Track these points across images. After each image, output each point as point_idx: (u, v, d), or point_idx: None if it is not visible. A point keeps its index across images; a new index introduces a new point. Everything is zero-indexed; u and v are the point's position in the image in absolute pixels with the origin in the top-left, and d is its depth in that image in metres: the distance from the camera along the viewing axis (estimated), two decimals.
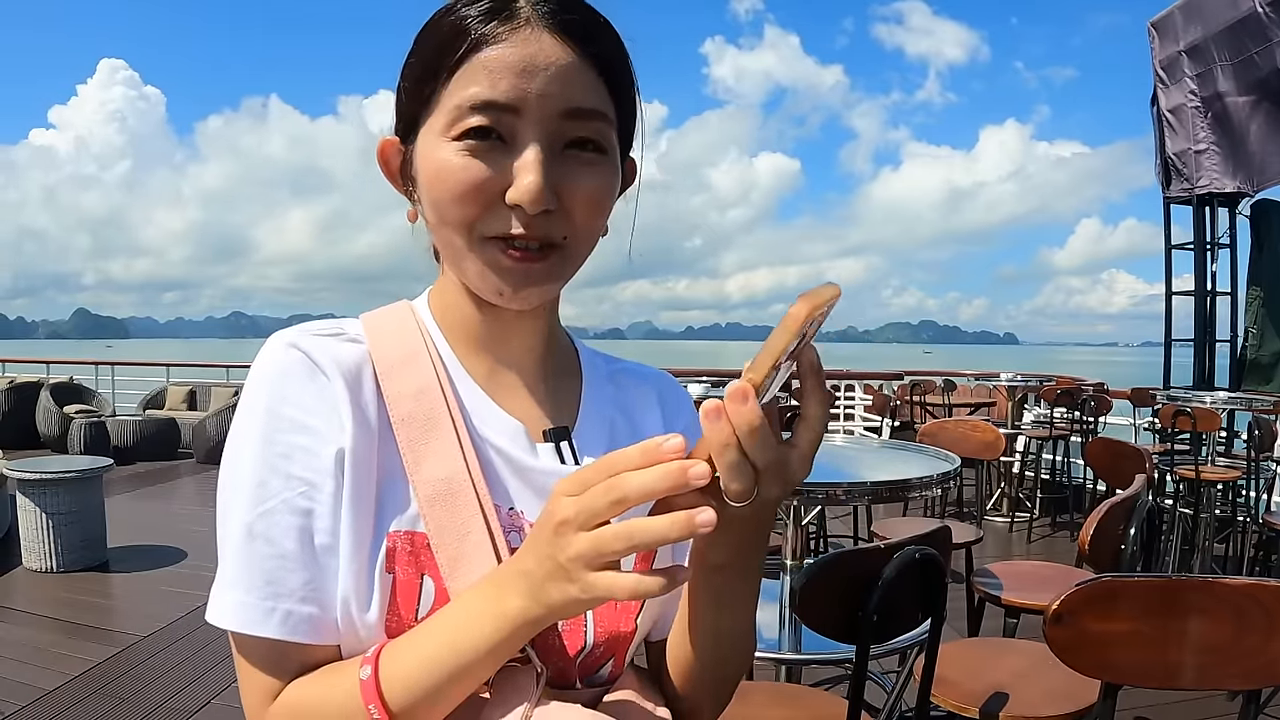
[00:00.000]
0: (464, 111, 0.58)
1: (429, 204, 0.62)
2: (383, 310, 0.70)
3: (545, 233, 0.60)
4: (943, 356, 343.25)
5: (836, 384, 8.76)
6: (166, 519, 5.58)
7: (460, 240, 0.61)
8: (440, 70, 0.60)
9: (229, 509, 0.59)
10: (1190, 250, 7.50)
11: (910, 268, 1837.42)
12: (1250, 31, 6.31)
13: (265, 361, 0.61)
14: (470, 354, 0.68)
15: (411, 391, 0.63)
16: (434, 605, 0.59)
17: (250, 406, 0.60)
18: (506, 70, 0.58)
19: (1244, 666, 1.07)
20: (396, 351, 0.65)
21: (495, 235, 0.60)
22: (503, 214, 0.59)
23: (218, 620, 0.57)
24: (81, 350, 37.32)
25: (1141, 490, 1.86)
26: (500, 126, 0.58)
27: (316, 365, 0.61)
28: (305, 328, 0.65)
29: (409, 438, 0.61)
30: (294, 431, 0.59)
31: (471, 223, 0.60)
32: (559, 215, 0.60)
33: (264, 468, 0.58)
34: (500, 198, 0.59)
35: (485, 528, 0.60)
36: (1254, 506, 4.48)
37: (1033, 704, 1.56)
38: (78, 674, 3.04)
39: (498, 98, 0.58)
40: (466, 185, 0.59)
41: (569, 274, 0.64)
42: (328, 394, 0.60)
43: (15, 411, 8.65)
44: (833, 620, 1.26)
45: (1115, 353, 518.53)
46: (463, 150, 0.59)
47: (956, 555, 2.27)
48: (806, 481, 1.87)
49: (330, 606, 0.58)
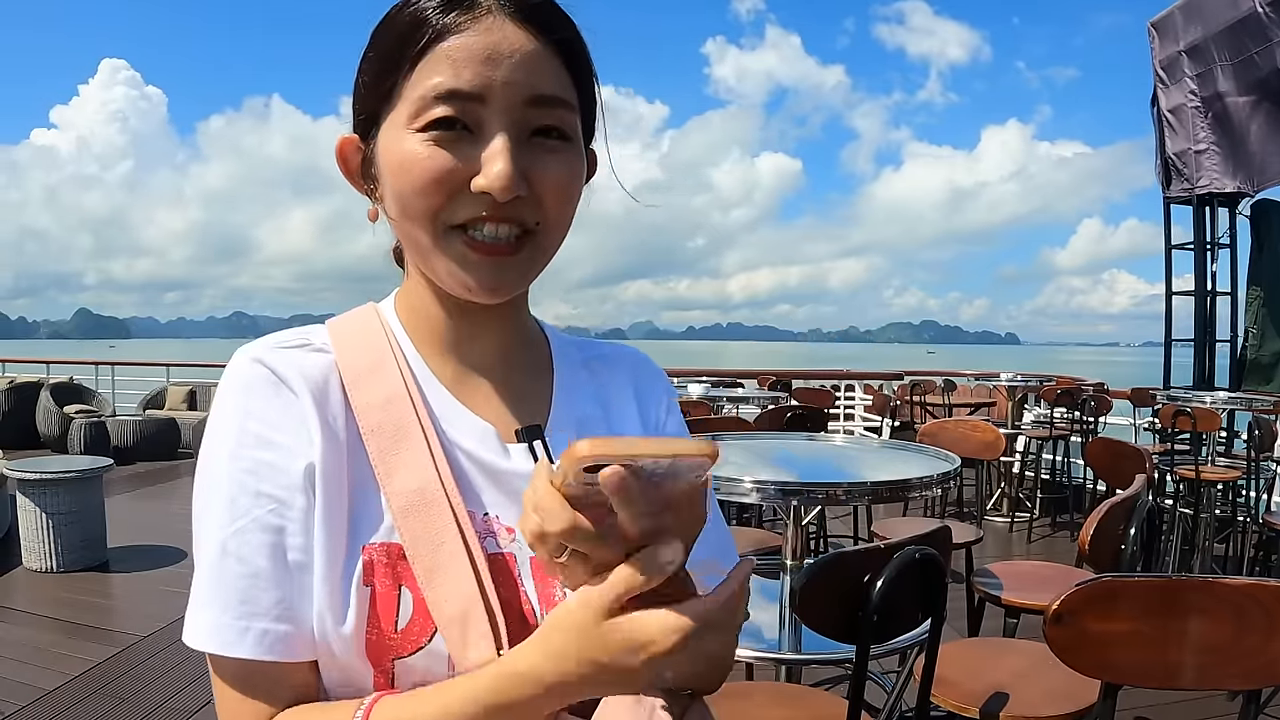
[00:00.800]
0: (428, 102, 0.58)
1: (393, 198, 0.61)
2: (348, 316, 0.69)
3: (518, 216, 0.60)
4: (946, 357, 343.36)
5: (837, 384, 8.77)
6: (166, 519, 5.58)
7: (425, 235, 0.60)
8: (401, 62, 0.59)
9: (201, 527, 0.59)
10: (1190, 250, 7.50)
11: (912, 268, 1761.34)
12: (1250, 31, 6.31)
13: (231, 378, 0.61)
14: (437, 356, 0.68)
15: (379, 401, 0.62)
16: (413, 616, 0.58)
17: (218, 424, 0.60)
18: (470, 59, 0.57)
19: (1244, 666, 1.07)
20: (363, 360, 0.64)
21: (461, 223, 0.59)
22: (469, 202, 0.59)
23: (193, 642, 0.56)
24: (84, 350, 37.21)
25: (1141, 490, 1.86)
26: (465, 116, 0.58)
27: (281, 380, 0.60)
28: (271, 340, 0.64)
29: (379, 448, 0.60)
30: (261, 448, 0.58)
31: (436, 213, 0.59)
32: (529, 202, 0.60)
33: (233, 485, 0.58)
34: (466, 187, 0.58)
35: (460, 537, 0.59)
36: (1254, 506, 4.48)
37: (1033, 704, 1.56)
38: (78, 674, 3.04)
39: (462, 86, 0.57)
40: (432, 175, 0.58)
41: (540, 266, 0.64)
42: (294, 409, 0.60)
43: (15, 411, 8.66)
44: (833, 620, 1.26)
45: (1117, 353, 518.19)
46: (428, 140, 0.58)
47: (956, 555, 2.27)
48: (807, 482, 1.87)
49: (304, 622, 0.57)
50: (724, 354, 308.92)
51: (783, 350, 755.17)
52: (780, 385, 7.19)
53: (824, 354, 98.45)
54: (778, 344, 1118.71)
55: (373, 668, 0.58)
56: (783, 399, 5.17)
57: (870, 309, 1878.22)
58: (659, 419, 0.77)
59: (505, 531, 0.63)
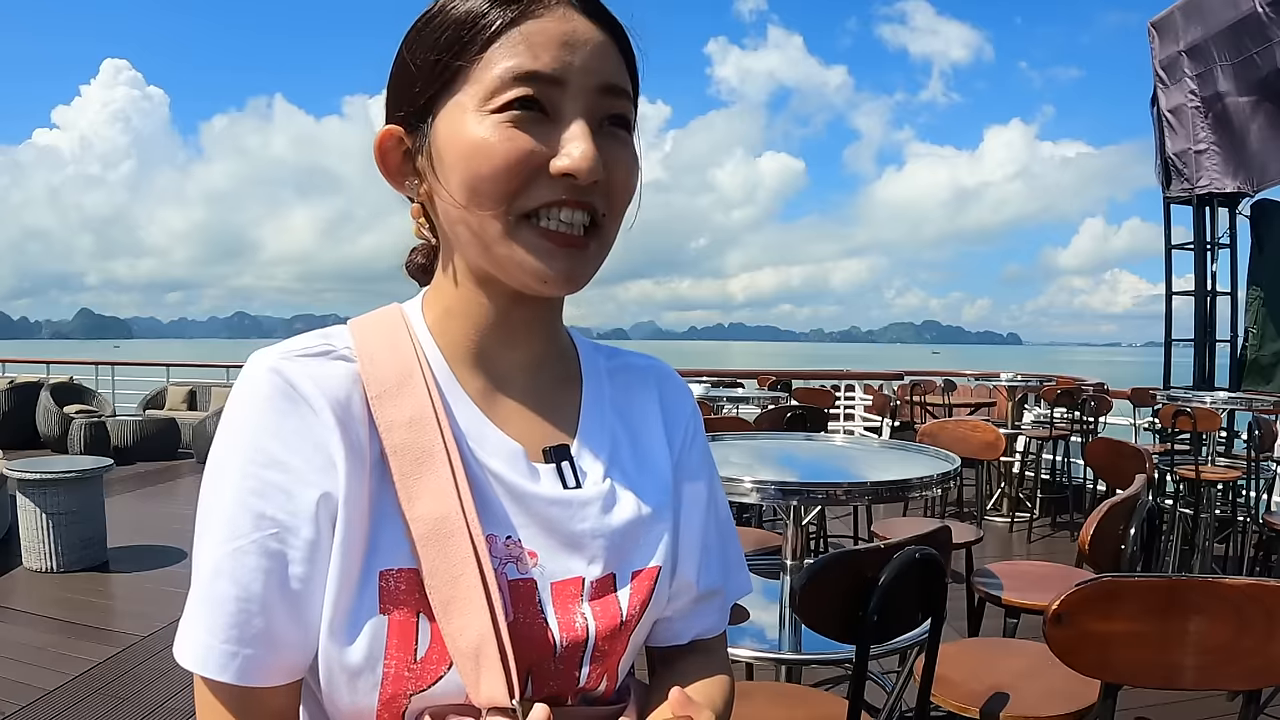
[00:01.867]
0: (506, 83, 0.57)
1: (460, 185, 0.58)
2: (373, 319, 0.66)
3: (591, 202, 0.59)
4: (950, 356, 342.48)
5: (837, 384, 8.77)
6: (166, 519, 5.58)
7: (497, 223, 0.58)
8: (471, 45, 0.58)
9: (201, 540, 0.57)
10: (1190, 250, 7.49)
11: (914, 268, 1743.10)
12: (1250, 31, 6.30)
13: (246, 387, 0.58)
14: (466, 366, 0.66)
15: (405, 420, 0.60)
16: (430, 645, 0.57)
17: (228, 437, 0.57)
18: (550, 42, 0.57)
19: (1244, 666, 1.07)
20: (389, 372, 0.61)
21: (534, 209, 0.58)
22: (545, 186, 0.58)
23: (183, 659, 0.56)
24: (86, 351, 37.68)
25: (1142, 490, 1.86)
26: (544, 97, 0.57)
27: (301, 395, 0.57)
28: (290, 346, 0.61)
29: (402, 470, 0.58)
30: (271, 468, 0.56)
31: (512, 198, 0.58)
32: (601, 189, 0.59)
33: (236, 504, 0.55)
34: (543, 171, 0.57)
35: (478, 569, 0.57)
36: (1254, 506, 4.48)
37: (1033, 704, 1.56)
38: (78, 674, 3.04)
39: (542, 69, 0.57)
40: (512, 155, 0.57)
41: (603, 257, 0.63)
42: (313, 429, 0.57)
43: (15, 411, 8.65)
44: (833, 620, 1.26)
45: (1119, 353, 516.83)
46: (505, 122, 0.57)
47: (956, 555, 2.27)
48: (807, 482, 1.86)
49: (293, 648, 0.56)
50: (726, 354, 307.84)
51: (785, 350, 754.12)
52: (780, 385, 7.19)
53: (828, 354, 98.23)
54: (780, 344, 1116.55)
55: (380, 707, 0.57)
56: (783, 399, 5.17)
57: (872, 309, 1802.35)
58: (684, 443, 0.76)
59: (529, 556, 0.62)
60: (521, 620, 0.60)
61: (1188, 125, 7.12)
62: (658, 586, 0.68)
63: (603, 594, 0.65)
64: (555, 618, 0.62)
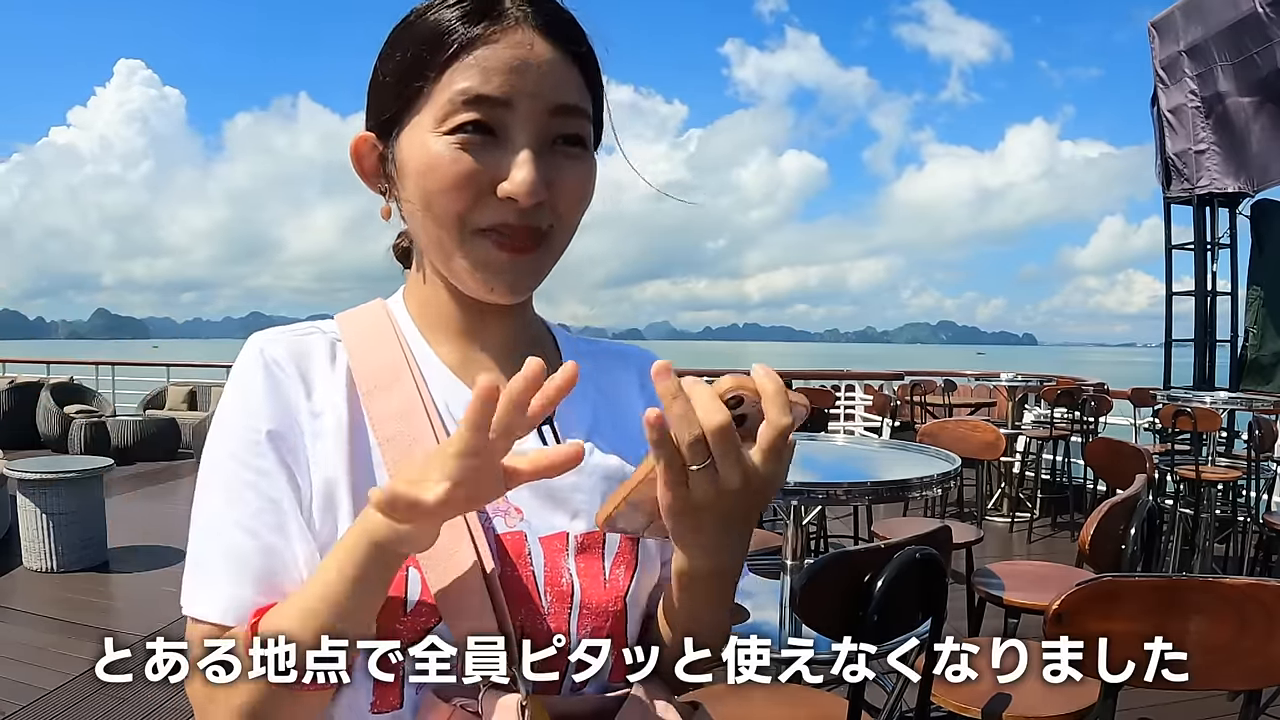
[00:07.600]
0: (456, 106, 0.60)
1: (417, 197, 0.62)
2: (358, 313, 0.70)
3: (535, 222, 0.62)
4: (958, 356, 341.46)
5: (837, 384, 8.76)
6: (166, 519, 5.58)
7: (450, 235, 0.62)
8: (429, 67, 0.61)
9: (200, 506, 0.61)
10: (1190, 250, 7.50)
11: (930, 268, 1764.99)
12: (1250, 31, 6.30)
13: (243, 366, 0.64)
14: (448, 347, 0.70)
15: (395, 413, 0.64)
16: (421, 593, 0.60)
17: (225, 412, 0.63)
18: (500, 67, 0.60)
19: (1244, 666, 1.08)
20: (377, 368, 0.66)
21: (485, 228, 0.61)
22: (493, 206, 0.61)
23: (208, 615, 0.60)
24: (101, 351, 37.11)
25: (1142, 490, 1.86)
26: (492, 120, 0.60)
27: (278, 363, 0.63)
28: (282, 330, 0.66)
29: (394, 459, 0.62)
30: (265, 440, 0.61)
31: (462, 215, 0.61)
32: (546, 207, 0.62)
33: (234, 478, 0.60)
34: (491, 190, 0.61)
35: (464, 522, 0.61)
36: (1254, 506, 4.48)
37: (1033, 704, 1.56)
38: (78, 674, 3.04)
39: (491, 92, 0.60)
40: (459, 177, 0.60)
41: (551, 265, 0.66)
42: (299, 400, 0.63)
43: (15, 411, 8.65)
44: (833, 620, 1.26)
45: (1135, 353, 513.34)
46: (454, 144, 0.60)
47: (957, 555, 2.27)
48: (807, 482, 1.86)
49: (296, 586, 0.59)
50: (742, 355, 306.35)
51: (800, 350, 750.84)
52: None
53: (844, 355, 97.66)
54: (795, 344, 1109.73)
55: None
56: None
57: (888, 309, 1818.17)
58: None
59: (515, 511, 0.65)
60: (509, 573, 0.62)
61: (1188, 125, 7.12)
62: (640, 546, 0.68)
63: (586, 550, 0.66)
64: (543, 572, 0.64)
